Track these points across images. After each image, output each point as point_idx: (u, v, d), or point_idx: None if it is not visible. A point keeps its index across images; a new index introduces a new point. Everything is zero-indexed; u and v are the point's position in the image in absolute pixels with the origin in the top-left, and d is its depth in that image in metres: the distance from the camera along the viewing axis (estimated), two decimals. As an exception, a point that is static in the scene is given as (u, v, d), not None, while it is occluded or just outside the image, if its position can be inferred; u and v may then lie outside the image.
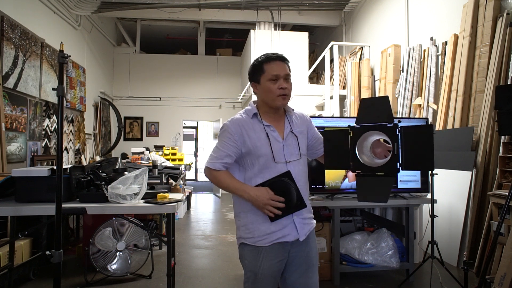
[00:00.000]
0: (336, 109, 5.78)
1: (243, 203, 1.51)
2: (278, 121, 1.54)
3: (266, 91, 1.48)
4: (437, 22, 4.45)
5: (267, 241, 1.46)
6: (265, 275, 1.45)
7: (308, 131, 1.61)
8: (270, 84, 1.47)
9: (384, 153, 1.43)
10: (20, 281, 2.97)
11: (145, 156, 5.87)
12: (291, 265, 1.51)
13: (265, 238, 1.46)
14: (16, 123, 4.10)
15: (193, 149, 12.62)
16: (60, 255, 1.71)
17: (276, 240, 1.46)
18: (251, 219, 1.48)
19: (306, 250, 1.52)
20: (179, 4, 6.55)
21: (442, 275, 2.98)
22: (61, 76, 1.74)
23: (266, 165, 1.47)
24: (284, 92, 1.47)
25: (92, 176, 2.41)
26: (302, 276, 1.51)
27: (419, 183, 3.09)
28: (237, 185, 1.48)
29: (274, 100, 1.48)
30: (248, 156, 1.49)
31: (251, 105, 1.56)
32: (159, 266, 3.35)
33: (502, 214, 2.37)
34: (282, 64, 1.49)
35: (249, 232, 1.49)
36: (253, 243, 1.47)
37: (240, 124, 1.50)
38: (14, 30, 4.08)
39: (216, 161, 1.51)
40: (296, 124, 1.57)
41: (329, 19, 7.36)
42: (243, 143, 1.48)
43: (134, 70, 8.86)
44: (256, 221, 1.47)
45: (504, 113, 2.45)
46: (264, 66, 1.49)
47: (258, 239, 1.46)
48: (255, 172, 1.49)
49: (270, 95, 1.48)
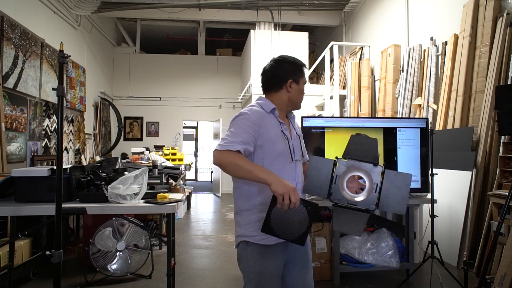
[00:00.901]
0: (336, 109, 5.78)
1: (249, 199, 1.47)
2: (285, 121, 1.59)
3: (301, 93, 1.57)
4: (437, 22, 4.45)
5: (272, 240, 1.43)
6: (271, 275, 1.44)
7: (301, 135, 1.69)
8: (303, 87, 1.58)
9: (355, 189, 1.49)
10: (20, 281, 2.97)
11: (145, 156, 5.87)
12: (291, 262, 1.52)
13: (270, 236, 1.42)
14: (16, 123, 4.10)
15: (193, 149, 12.62)
16: (60, 255, 1.70)
17: (279, 240, 1.45)
18: (257, 217, 1.45)
19: (303, 247, 1.54)
20: (179, 4, 6.55)
21: (442, 275, 2.98)
22: (61, 76, 1.74)
23: (281, 162, 1.48)
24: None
25: (92, 176, 2.41)
26: (300, 273, 1.53)
27: (419, 183, 3.09)
28: (261, 167, 1.37)
29: (300, 102, 1.60)
30: (259, 149, 1.46)
31: (265, 100, 1.54)
32: (159, 266, 3.35)
33: (502, 214, 2.37)
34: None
35: (254, 230, 1.45)
36: (258, 241, 1.44)
37: (260, 115, 1.47)
38: (14, 30, 4.08)
39: (235, 144, 1.38)
40: (296, 126, 1.65)
41: (329, 19, 7.36)
42: (260, 135, 1.45)
43: (134, 70, 8.86)
44: (263, 218, 1.43)
45: (504, 113, 2.45)
46: (304, 71, 1.59)
47: (264, 237, 1.43)
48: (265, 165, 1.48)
49: (301, 97, 1.58)
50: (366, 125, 3.10)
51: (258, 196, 1.46)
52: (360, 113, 5.76)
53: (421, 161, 3.09)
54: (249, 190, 1.48)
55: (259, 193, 1.46)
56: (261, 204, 1.45)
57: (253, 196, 1.47)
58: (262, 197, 1.46)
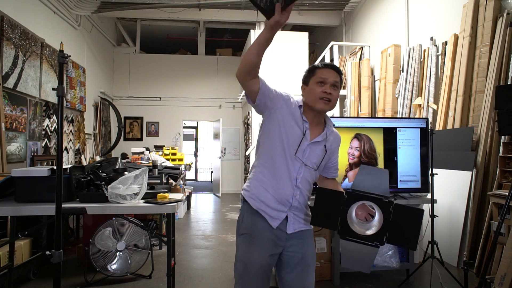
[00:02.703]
0: (336, 109, 5.78)
1: (263, 154, 1.54)
2: (314, 126, 1.56)
3: (311, 92, 1.52)
4: (437, 22, 4.45)
5: (254, 204, 1.51)
6: (254, 266, 1.48)
7: (333, 153, 1.64)
8: (316, 86, 1.50)
9: (365, 215, 1.46)
10: (20, 281, 2.97)
11: (145, 156, 5.87)
12: (288, 265, 1.53)
13: (255, 201, 1.51)
14: (16, 123, 4.10)
15: (193, 149, 12.62)
16: (60, 255, 1.71)
17: (261, 210, 1.50)
18: (257, 176, 1.54)
19: (302, 251, 1.54)
20: (179, 4, 6.55)
21: (442, 275, 2.98)
22: (61, 76, 1.74)
23: (286, 148, 1.49)
24: (327, 96, 1.48)
25: (92, 176, 2.41)
26: (298, 276, 1.53)
27: (419, 183, 3.09)
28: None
29: (315, 102, 1.50)
30: (273, 114, 1.50)
31: (300, 99, 1.58)
32: (159, 266, 3.35)
33: (502, 214, 2.38)
34: (333, 72, 1.52)
35: (249, 185, 1.57)
36: (245, 196, 1.55)
37: (289, 99, 1.53)
38: (14, 30, 4.08)
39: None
40: (329, 140, 1.59)
41: (329, 19, 7.35)
42: (276, 109, 1.50)
43: (134, 70, 8.85)
44: (261, 179, 1.52)
45: (504, 113, 2.45)
46: (317, 70, 1.53)
47: (250, 196, 1.53)
48: (264, 150, 1.54)
49: (313, 97, 1.50)
50: (366, 125, 3.10)
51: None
52: (360, 113, 5.76)
53: (421, 161, 3.09)
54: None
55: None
56: (267, 166, 1.53)
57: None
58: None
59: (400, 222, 1.37)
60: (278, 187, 1.49)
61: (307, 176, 1.53)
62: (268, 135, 1.53)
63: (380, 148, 3.05)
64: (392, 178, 3.05)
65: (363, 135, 3.03)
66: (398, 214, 1.37)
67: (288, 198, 1.50)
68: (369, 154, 3.02)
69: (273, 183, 1.50)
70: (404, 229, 1.37)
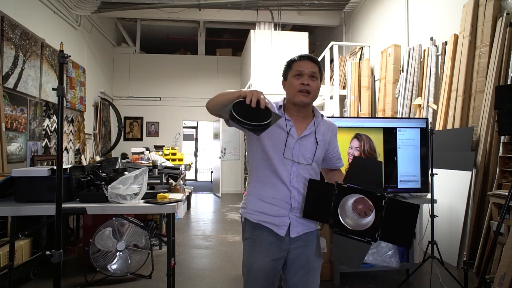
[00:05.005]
0: (336, 109, 5.78)
1: (251, 170, 1.57)
2: (301, 121, 1.54)
3: (290, 86, 1.51)
4: (437, 22, 4.45)
5: (254, 218, 1.50)
6: (256, 271, 1.47)
7: (330, 143, 1.60)
8: (293, 79, 1.49)
9: (365, 210, 1.39)
10: (20, 281, 2.97)
11: (145, 156, 5.87)
12: (292, 267, 1.52)
13: (254, 214, 1.51)
14: (16, 123, 4.10)
15: (193, 149, 12.62)
16: (60, 255, 1.71)
17: (264, 222, 1.48)
18: (251, 191, 1.55)
19: (306, 254, 1.52)
20: (179, 4, 6.55)
21: (442, 275, 2.98)
22: (61, 76, 1.74)
23: (271, 155, 1.48)
24: (305, 88, 1.46)
25: (92, 176, 2.41)
26: (302, 279, 1.51)
27: (419, 183, 3.09)
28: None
29: (295, 95, 1.48)
30: (249, 138, 1.54)
31: (281, 99, 1.59)
32: (159, 266, 3.35)
33: (502, 214, 2.38)
34: (309, 63, 1.50)
35: (245, 203, 1.57)
36: (244, 214, 1.55)
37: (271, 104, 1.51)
38: (14, 30, 4.08)
39: None
40: (320, 131, 1.55)
41: (329, 19, 7.35)
42: None
43: (134, 70, 8.85)
44: (255, 193, 1.52)
45: (504, 113, 2.45)
46: (293, 64, 1.52)
47: (249, 212, 1.53)
48: (258, 156, 1.53)
49: (292, 90, 1.49)
50: (366, 125, 3.10)
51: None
52: (360, 113, 5.76)
53: (421, 161, 3.09)
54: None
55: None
56: (257, 177, 1.54)
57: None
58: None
59: (393, 218, 1.29)
60: (274, 194, 1.48)
61: (303, 174, 1.50)
62: (250, 151, 1.57)
63: (380, 148, 3.05)
64: (392, 178, 3.05)
65: (363, 135, 3.03)
66: (392, 209, 1.30)
67: (287, 200, 1.48)
68: (369, 154, 3.02)
69: (268, 192, 1.49)
70: (398, 226, 1.29)
